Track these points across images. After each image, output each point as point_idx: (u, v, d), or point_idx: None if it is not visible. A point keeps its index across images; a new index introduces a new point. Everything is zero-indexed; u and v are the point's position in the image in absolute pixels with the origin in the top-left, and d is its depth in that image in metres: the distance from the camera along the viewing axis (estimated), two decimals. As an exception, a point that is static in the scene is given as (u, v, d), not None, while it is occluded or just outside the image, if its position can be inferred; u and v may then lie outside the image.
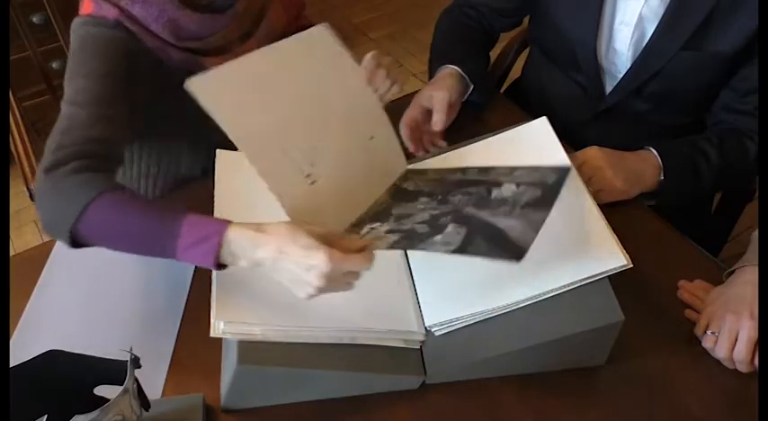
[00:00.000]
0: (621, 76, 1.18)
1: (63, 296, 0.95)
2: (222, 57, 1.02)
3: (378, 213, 0.90)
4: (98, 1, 0.96)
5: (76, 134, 0.84)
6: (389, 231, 0.84)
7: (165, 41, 0.98)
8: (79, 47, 0.92)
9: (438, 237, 0.80)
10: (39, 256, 1.01)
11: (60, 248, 1.01)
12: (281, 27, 1.11)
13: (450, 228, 0.81)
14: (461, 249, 0.77)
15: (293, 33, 1.12)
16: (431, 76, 1.25)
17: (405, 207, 0.90)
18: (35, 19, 1.97)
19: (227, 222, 0.73)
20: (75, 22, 0.96)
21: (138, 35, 0.97)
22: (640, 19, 1.12)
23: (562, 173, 0.87)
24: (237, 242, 0.72)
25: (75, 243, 0.80)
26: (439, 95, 1.12)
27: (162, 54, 1.00)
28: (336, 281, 0.71)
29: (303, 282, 0.71)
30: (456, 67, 1.18)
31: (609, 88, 1.23)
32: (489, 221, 0.81)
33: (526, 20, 1.38)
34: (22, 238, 2.18)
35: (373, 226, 0.86)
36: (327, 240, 0.71)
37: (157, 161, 1.18)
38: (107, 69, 0.91)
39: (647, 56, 1.13)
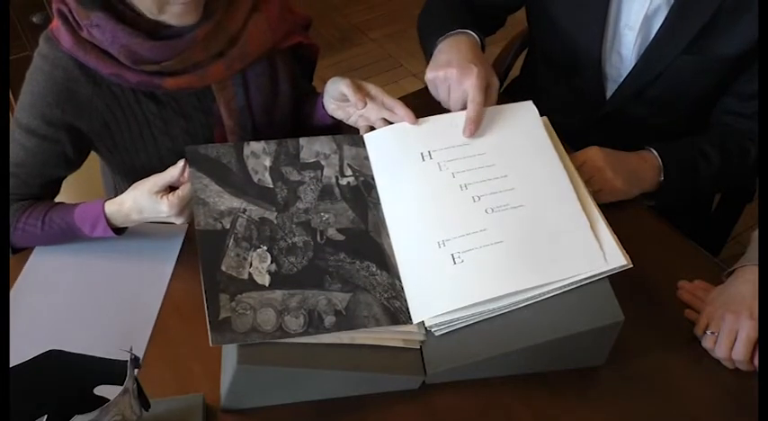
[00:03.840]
0: (622, 80, 1.18)
1: (49, 299, 0.96)
2: (183, 77, 1.00)
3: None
4: (60, 24, 0.97)
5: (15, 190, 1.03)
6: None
7: (122, 65, 0.97)
8: (28, 78, 1.01)
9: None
10: (20, 261, 1.01)
11: (37, 255, 1.02)
12: (263, 48, 1.06)
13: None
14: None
15: (282, 53, 1.12)
16: (424, 46, 1.16)
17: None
18: (35, 19, 1.97)
19: (102, 203, 0.97)
20: (41, 38, 1.00)
21: (90, 66, 0.97)
22: (644, 22, 1.10)
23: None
24: (112, 213, 0.97)
25: (17, 251, 1.04)
26: (483, 76, 0.97)
27: (118, 79, 0.99)
28: (179, 204, 0.91)
29: (159, 212, 0.93)
30: (473, 33, 1.07)
31: (609, 93, 1.22)
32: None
33: (524, 22, 1.38)
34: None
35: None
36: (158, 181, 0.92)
37: (124, 178, 1.16)
38: (38, 127, 1.00)
39: (648, 59, 1.12)
